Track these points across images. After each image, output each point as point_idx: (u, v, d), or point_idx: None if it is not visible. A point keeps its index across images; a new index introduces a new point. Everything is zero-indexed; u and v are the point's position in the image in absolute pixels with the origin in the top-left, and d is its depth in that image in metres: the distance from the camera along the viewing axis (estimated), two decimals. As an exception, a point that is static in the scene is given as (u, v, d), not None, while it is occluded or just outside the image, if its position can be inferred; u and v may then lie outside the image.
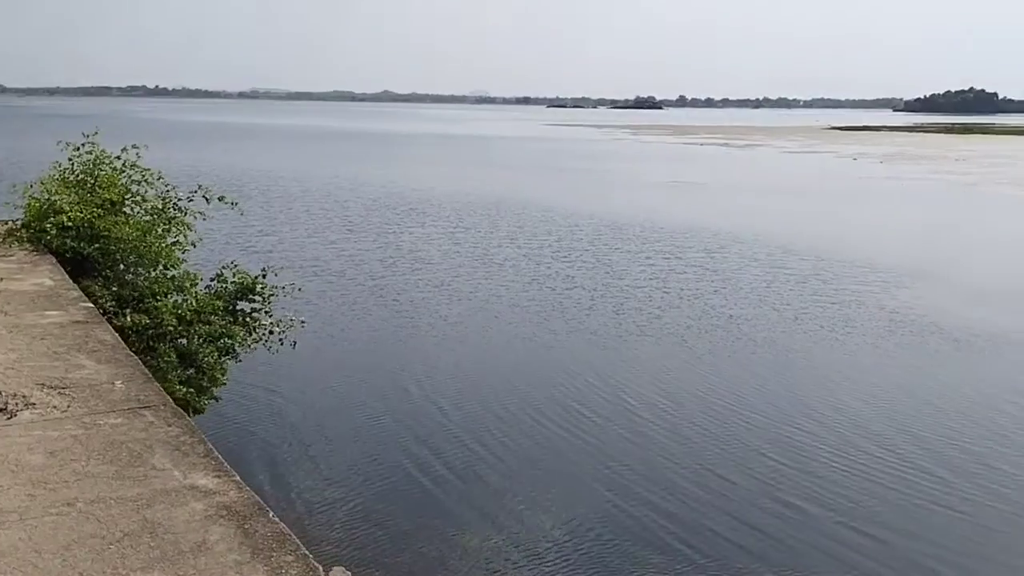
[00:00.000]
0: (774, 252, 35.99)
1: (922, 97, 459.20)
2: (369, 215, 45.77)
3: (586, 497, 14.12)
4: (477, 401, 18.44)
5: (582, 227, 42.52)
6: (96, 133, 14.40)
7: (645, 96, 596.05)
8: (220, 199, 14.62)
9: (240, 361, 13.92)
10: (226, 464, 5.92)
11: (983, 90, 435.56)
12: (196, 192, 14.50)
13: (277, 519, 5.24)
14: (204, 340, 12.93)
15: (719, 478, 14.81)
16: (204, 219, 14.62)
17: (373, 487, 14.41)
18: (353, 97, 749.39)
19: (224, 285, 13.90)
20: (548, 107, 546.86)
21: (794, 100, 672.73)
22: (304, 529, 12.54)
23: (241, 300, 13.94)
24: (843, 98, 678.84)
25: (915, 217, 49.88)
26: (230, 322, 13.51)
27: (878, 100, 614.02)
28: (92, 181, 13.83)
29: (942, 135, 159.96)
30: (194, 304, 13.10)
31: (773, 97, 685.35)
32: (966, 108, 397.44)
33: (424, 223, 43.46)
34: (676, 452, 15.90)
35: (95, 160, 14.13)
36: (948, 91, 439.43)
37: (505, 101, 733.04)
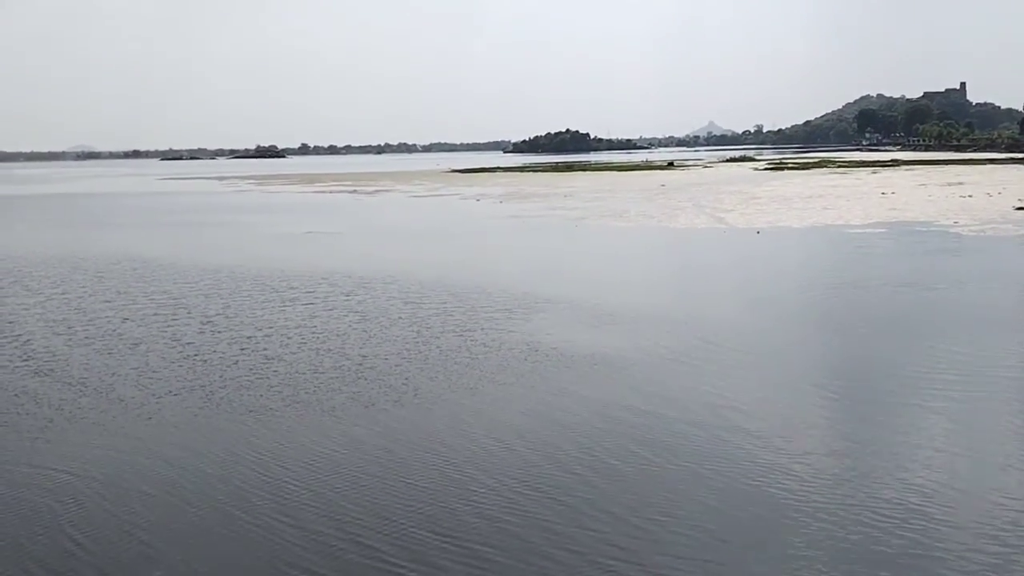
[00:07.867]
0: (415, 291, 35.43)
1: (527, 139, 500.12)
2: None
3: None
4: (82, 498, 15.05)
5: (209, 283, 39.02)
6: None
7: (267, 145, 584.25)
8: None
9: None
10: None
11: (577, 131, 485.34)
12: None
13: None
14: None
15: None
16: None
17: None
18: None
19: None
20: (162, 160, 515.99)
21: (413, 145, 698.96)
22: None
23: None
24: (458, 142, 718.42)
25: (538, 251, 52.42)
26: None
27: (488, 143, 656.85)
28: None
29: (549, 173, 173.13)
30: None
31: (394, 143, 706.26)
32: (564, 147, 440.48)
33: (9, 294, 37.29)
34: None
35: None
36: (548, 132, 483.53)
37: (112, 155, 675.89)
